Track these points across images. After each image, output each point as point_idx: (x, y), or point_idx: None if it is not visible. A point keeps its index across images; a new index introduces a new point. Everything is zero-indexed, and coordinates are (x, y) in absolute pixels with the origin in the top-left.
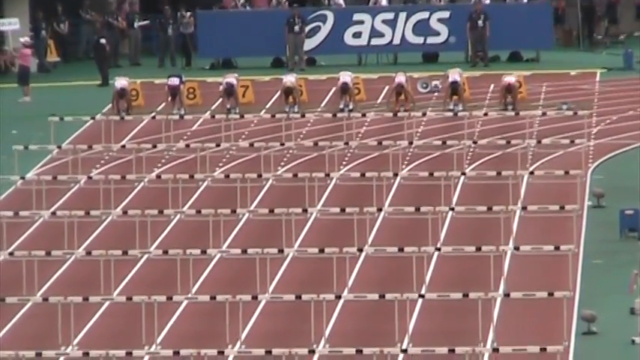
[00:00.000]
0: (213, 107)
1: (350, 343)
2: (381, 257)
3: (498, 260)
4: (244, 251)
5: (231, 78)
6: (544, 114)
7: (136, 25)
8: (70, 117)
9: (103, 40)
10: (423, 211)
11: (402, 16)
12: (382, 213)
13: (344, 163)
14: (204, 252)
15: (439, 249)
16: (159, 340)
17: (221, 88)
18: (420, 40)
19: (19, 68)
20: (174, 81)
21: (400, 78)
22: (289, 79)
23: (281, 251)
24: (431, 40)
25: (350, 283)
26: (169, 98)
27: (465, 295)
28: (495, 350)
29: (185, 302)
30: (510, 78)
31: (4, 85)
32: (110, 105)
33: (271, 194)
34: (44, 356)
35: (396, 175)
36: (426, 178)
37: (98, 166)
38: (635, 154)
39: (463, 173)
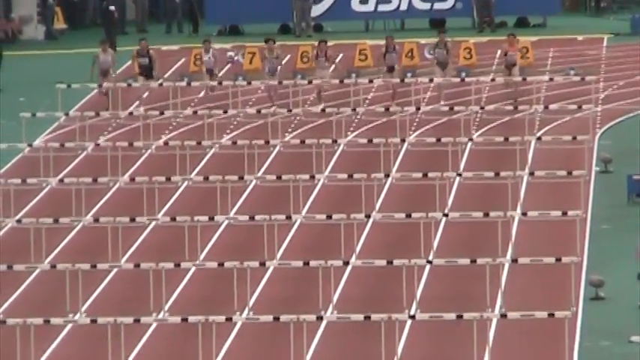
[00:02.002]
0: (220, 74)
1: (358, 309)
2: (389, 223)
3: (506, 226)
4: (252, 218)
5: (206, 57)
6: (551, 79)
7: None
8: (77, 84)
9: (112, 7)
10: (431, 176)
11: None
12: (390, 179)
13: (351, 129)
14: (211, 218)
15: (447, 215)
16: (167, 307)
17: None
18: (426, 5)
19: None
20: (145, 61)
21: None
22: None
23: (289, 217)
24: (438, 5)
25: (358, 249)
26: (139, 74)
27: (473, 261)
28: (503, 316)
29: (193, 269)
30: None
31: (11, 53)
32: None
33: (279, 160)
34: (52, 323)
35: (403, 141)
36: (433, 144)
37: (106, 133)
38: None
39: (470, 139)
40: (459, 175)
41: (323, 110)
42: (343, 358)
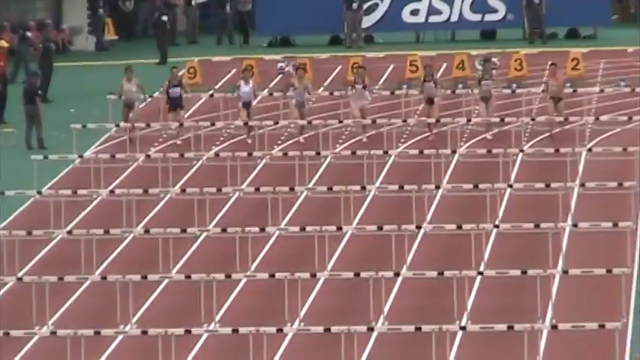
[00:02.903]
0: (270, 85)
1: (408, 320)
2: (440, 234)
3: (557, 237)
4: (303, 229)
5: (246, 88)
6: (602, 91)
7: (194, 2)
8: None
9: (164, 17)
10: (482, 188)
11: None
12: (440, 190)
13: (402, 140)
14: (262, 230)
15: (497, 226)
16: (217, 317)
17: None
18: (477, 17)
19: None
20: (176, 91)
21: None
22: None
23: (339, 229)
24: (489, 17)
25: (408, 260)
26: (168, 109)
27: (524, 272)
28: (554, 327)
29: (244, 280)
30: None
31: (61, 64)
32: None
33: (329, 172)
34: (103, 334)
35: (454, 152)
36: (484, 155)
37: (156, 144)
38: None
39: (521, 150)
40: (510, 186)
41: (374, 122)
42: None
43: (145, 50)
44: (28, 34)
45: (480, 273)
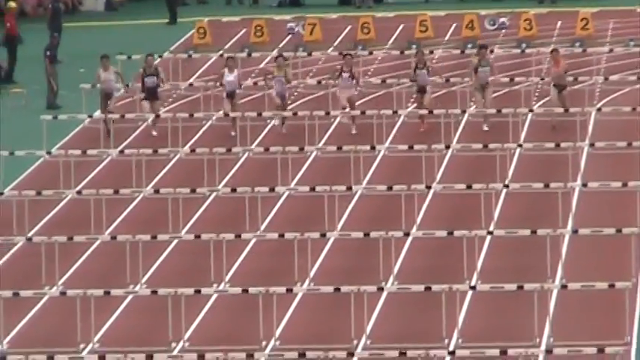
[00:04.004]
0: (280, 45)
1: (418, 280)
2: (449, 194)
3: (566, 197)
4: (312, 189)
5: (230, 77)
6: (611, 51)
7: None
8: (138, 55)
9: None
10: (491, 147)
11: None
12: (450, 150)
13: (412, 100)
14: (272, 190)
15: (507, 186)
16: (227, 277)
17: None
18: None
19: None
20: (152, 81)
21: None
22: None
23: (349, 188)
24: None
25: (418, 220)
26: (142, 99)
27: (534, 232)
28: (564, 287)
29: (253, 240)
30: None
31: (71, 24)
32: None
33: (339, 132)
34: (112, 294)
35: (464, 112)
36: (494, 115)
37: (166, 104)
38: None
39: (531, 110)
40: (520, 146)
41: (384, 81)
42: (404, 329)
43: (155, 10)
44: None
45: (490, 233)
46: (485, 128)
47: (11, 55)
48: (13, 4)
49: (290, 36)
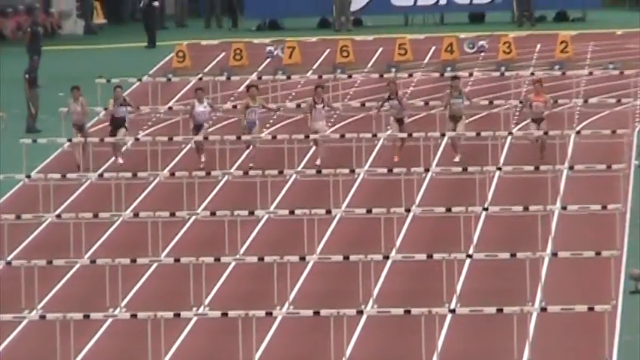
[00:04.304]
0: (260, 68)
1: (398, 303)
2: (429, 217)
3: (546, 219)
4: (292, 212)
5: (199, 107)
6: (590, 73)
7: None
8: (117, 79)
9: (156, 3)
10: (471, 170)
11: None
12: (430, 173)
13: (390, 124)
14: (251, 213)
15: (486, 209)
16: (207, 301)
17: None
18: (466, 0)
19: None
20: (122, 111)
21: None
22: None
23: (329, 212)
24: (477, 0)
25: (398, 243)
26: (110, 130)
27: (513, 255)
28: (543, 310)
29: (233, 263)
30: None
31: (50, 48)
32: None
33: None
34: (92, 318)
35: (443, 135)
36: (473, 138)
37: (145, 127)
38: None
39: (510, 133)
40: (499, 169)
41: (362, 105)
42: (383, 352)
43: (134, 34)
44: None
45: (469, 256)
46: (457, 159)
47: None
48: None
49: (269, 59)
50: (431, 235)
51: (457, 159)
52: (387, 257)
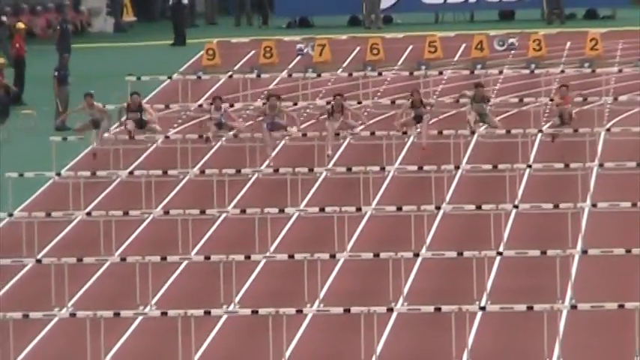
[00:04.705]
0: (290, 66)
1: (428, 300)
2: (459, 215)
3: (576, 217)
4: (322, 209)
5: (217, 114)
6: (620, 71)
7: None
8: (147, 76)
9: (184, 0)
10: (501, 168)
11: None
12: (460, 170)
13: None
14: (282, 211)
15: (517, 206)
16: (237, 299)
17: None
18: None
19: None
20: (136, 117)
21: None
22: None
23: (359, 209)
24: None
25: (428, 240)
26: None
27: (543, 252)
28: (574, 307)
29: (263, 261)
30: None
31: (80, 46)
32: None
33: (349, 152)
34: (122, 316)
35: (473, 133)
36: (503, 136)
37: (176, 125)
38: None
39: (540, 131)
40: (529, 166)
41: (393, 102)
42: (413, 350)
43: (164, 32)
44: (4, 18)
45: (500, 253)
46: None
47: (20, 77)
48: (22, 25)
49: (299, 57)
50: (461, 232)
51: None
52: (417, 255)
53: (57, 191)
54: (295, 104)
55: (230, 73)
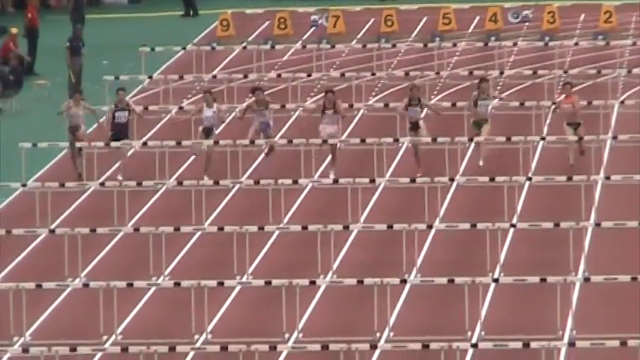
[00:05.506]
0: (304, 37)
1: (441, 272)
2: (473, 187)
3: (589, 190)
4: (335, 181)
5: (208, 112)
6: (634, 44)
7: None
8: (161, 47)
9: None
10: (515, 140)
11: None
12: (472, 143)
13: (435, 92)
14: (295, 182)
15: (530, 179)
16: (250, 270)
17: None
18: None
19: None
20: (122, 116)
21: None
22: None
23: (372, 181)
24: None
25: (441, 212)
26: (110, 139)
27: (557, 225)
28: (587, 279)
29: (277, 232)
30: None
31: (94, 16)
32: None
33: (363, 124)
34: (135, 286)
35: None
36: (517, 108)
37: (189, 96)
38: None
39: (554, 103)
40: (543, 138)
41: (407, 74)
42: (426, 322)
43: (178, 3)
44: None
45: (513, 225)
46: (481, 163)
47: (32, 47)
48: None
49: (313, 28)
50: (474, 204)
51: (481, 163)
52: (430, 227)
53: (71, 161)
54: (309, 75)
55: (244, 44)
